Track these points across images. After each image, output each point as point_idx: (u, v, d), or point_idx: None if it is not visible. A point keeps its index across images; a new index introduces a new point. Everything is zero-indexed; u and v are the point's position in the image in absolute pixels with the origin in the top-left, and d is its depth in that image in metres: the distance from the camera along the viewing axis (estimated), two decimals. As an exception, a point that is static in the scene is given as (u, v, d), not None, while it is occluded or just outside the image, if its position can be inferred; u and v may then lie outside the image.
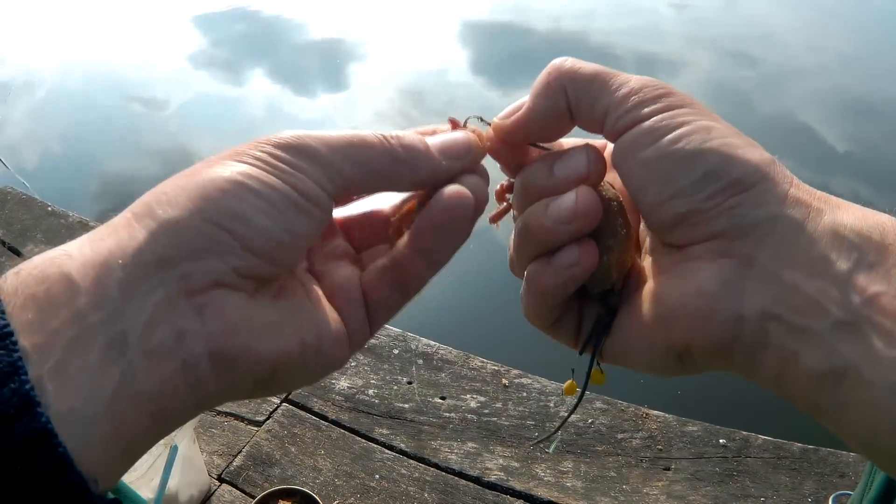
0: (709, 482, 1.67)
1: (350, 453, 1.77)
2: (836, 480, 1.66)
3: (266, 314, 0.36)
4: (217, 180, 0.34)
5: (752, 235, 0.35)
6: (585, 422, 1.83)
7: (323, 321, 0.39)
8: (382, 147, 0.38)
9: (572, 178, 0.39)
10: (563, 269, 0.39)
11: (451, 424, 1.83)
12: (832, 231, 0.34)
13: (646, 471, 1.71)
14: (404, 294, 0.42)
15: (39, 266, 0.31)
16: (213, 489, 1.68)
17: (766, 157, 0.37)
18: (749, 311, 0.35)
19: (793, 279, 0.34)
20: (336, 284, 0.41)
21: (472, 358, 2.01)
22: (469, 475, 1.71)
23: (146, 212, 0.33)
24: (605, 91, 0.38)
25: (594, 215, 0.39)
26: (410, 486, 1.69)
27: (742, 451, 1.74)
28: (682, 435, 1.78)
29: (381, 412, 1.87)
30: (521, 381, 1.94)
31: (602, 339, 0.42)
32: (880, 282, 0.32)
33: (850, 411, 0.33)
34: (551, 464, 1.73)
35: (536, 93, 0.40)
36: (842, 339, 0.32)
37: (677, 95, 0.38)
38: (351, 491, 1.68)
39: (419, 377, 1.96)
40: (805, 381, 0.34)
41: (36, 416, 0.28)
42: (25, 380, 0.28)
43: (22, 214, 2.65)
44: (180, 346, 0.32)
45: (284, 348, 0.36)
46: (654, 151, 0.37)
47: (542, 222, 0.39)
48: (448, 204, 0.39)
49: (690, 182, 0.36)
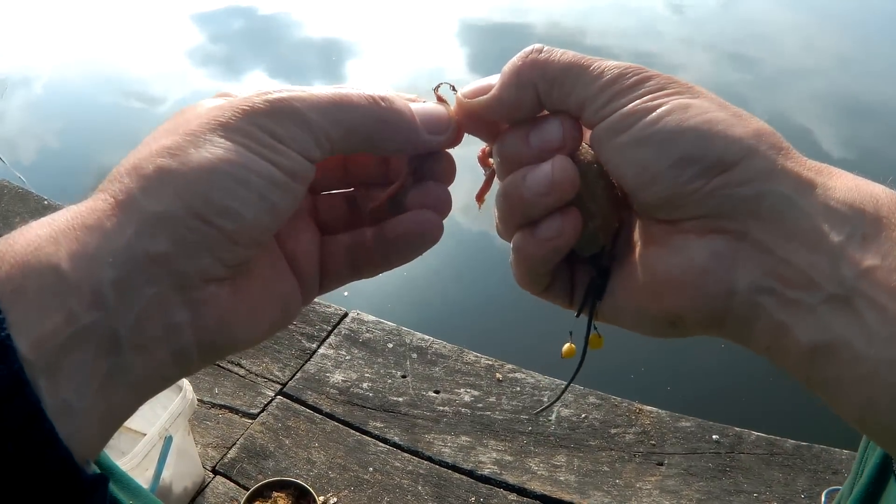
0: (702, 477, 1.67)
1: (344, 446, 1.77)
2: (830, 477, 1.66)
3: (247, 301, 0.36)
4: (203, 169, 0.33)
5: (741, 213, 0.35)
6: (579, 416, 1.83)
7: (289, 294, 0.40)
8: (370, 107, 0.37)
9: (547, 147, 0.38)
10: (547, 240, 0.39)
11: (444, 418, 1.84)
12: (823, 203, 0.34)
13: (639, 466, 1.71)
14: (357, 275, 0.43)
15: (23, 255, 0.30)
16: (207, 481, 1.68)
17: (750, 128, 0.35)
18: (740, 285, 0.35)
19: (784, 252, 0.34)
20: (300, 251, 0.41)
21: (467, 352, 2.01)
22: (462, 468, 1.72)
23: (130, 201, 0.32)
24: (581, 82, 0.37)
25: (571, 185, 0.38)
26: (404, 478, 1.69)
27: (735, 447, 1.74)
28: (675, 430, 1.79)
29: (376, 405, 1.87)
30: (515, 376, 1.94)
31: (596, 301, 0.41)
32: (874, 255, 0.32)
33: (844, 386, 0.32)
34: (544, 458, 1.73)
35: (505, 83, 0.39)
36: (834, 313, 0.32)
37: (655, 78, 0.37)
38: (345, 483, 1.68)
39: (413, 371, 1.96)
40: (797, 354, 0.34)
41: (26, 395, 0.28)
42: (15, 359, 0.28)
43: (18, 208, 2.65)
44: (171, 339, 0.33)
45: (260, 331, 0.38)
46: (630, 137, 0.36)
47: (520, 193, 0.38)
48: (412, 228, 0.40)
49: (668, 166, 0.35)
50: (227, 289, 0.35)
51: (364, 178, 0.44)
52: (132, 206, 0.32)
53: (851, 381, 0.32)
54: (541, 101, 0.38)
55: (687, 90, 0.37)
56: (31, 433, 0.28)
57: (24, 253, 0.30)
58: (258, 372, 1.96)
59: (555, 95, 0.38)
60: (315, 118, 0.35)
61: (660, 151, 0.35)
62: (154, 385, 0.34)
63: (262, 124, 0.34)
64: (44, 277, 0.30)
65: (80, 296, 0.30)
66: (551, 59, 0.38)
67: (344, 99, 0.36)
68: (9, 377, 0.28)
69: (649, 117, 0.35)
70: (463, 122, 0.41)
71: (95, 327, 0.30)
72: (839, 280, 0.32)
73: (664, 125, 0.35)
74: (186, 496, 1.62)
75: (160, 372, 0.34)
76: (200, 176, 0.33)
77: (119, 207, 0.32)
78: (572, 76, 0.37)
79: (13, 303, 0.29)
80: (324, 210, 0.44)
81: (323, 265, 0.42)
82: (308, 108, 0.35)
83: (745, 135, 0.35)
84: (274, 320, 0.39)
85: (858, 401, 0.32)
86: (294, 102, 0.35)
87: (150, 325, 0.32)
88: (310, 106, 0.35)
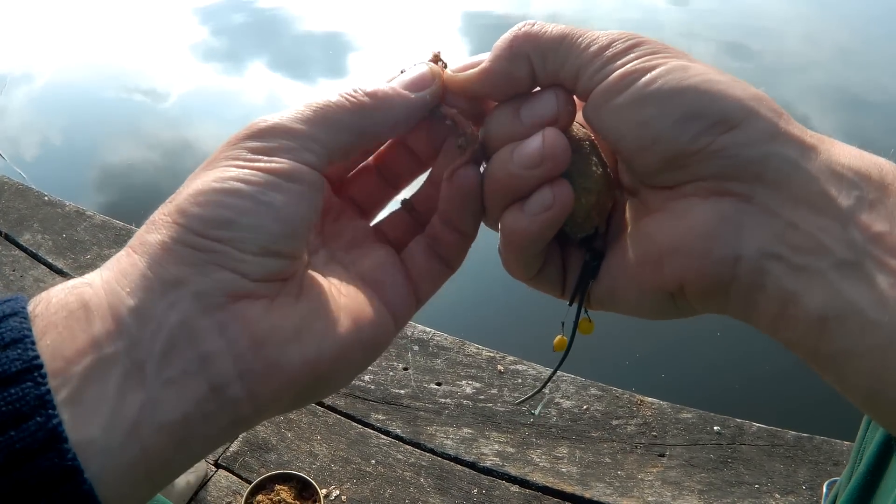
0: (703, 469, 1.68)
1: (346, 439, 1.77)
2: (831, 468, 1.66)
3: (292, 318, 0.34)
4: (193, 194, 0.33)
5: (746, 174, 0.34)
6: (580, 408, 1.83)
7: (357, 308, 0.37)
8: (350, 104, 0.37)
9: (540, 121, 0.37)
10: (539, 213, 0.37)
11: (446, 410, 1.84)
12: (829, 168, 0.33)
13: (640, 457, 1.72)
14: (447, 265, 0.42)
15: (61, 293, 0.31)
16: (209, 474, 1.69)
17: (750, 91, 0.34)
18: (747, 250, 0.33)
19: (791, 216, 0.32)
20: (371, 267, 0.40)
21: (468, 344, 2.01)
22: (465, 460, 1.72)
23: (139, 241, 0.33)
24: (575, 51, 0.36)
25: (563, 157, 0.37)
26: (406, 471, 1.70)
27: (736, 438, 1.74)
28: (676, 422, 1.79)
29: (377, 398, 1.88)
30: (517, 368, 1.94)
31: (589, 284, 0.40)
32: (883, 221, 0.31)
33: (853, 358, 0.31)
34: (546, 449, 1.74)
35: (497, 56, 0.38)
36: (845, 279, 0.31)
37: (650, 43, 0.36)
38: (347, 476, 1.68)
39: (415, 363, 1.97)
40: (805, 324, 0.32)
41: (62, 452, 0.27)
42: (53, 414, 0.28)
43: (18, 204, 2.65)
44: (205, 371, 0.31)
45: (319, 351, 0.34)
46: (629, 97, 0.35)
47: (508, 169, 0.37)
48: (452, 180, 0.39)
49: (671, 123, 0.34)
50: (258, 306, 0.33)
51: (402, 176, 0.44)
52: (141, 244, 0.33)
53: (862, 351, 0.30)
54: (534, 72, 0.38)
55: (683, 55, 0.36)
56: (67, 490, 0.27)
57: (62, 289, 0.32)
58: (260, 365, 1.96)
59: (549, 65, 0.37)
60: (300, 126, 0.35)
61: (662, 109, 0.34)
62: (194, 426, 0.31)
63: (247, 145, 0.35)
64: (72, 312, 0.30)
65: (103, 324, 0.30)
66: (544, 30, 0.37)
67: (324, 104, 0.36)
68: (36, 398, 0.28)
69: (648, 76, 0.35)
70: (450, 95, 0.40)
71: (120, 357, 0.30)
72: (849, 243, 0.31)
73: (665, 83, 0.34)
74: (189, 490, 1.62)
75: (200, 409, 0.31)
76: (191, 199, 0.33)
77: (132, 248, 0.33)
78: (566, 44, 0.37)
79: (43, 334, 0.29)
80: (388, 229, 0.44)
81: (409, 271, 0.42)
82: (291, 121, 0.35)
83: (745, 96, 0.34)
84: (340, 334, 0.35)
85: (869, 373, 0.31)
86: (277, 119, 0.35)
87: (179, 357, 0.30)
88: (293, 119, 0.36)
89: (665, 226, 0.36)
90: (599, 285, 0.40)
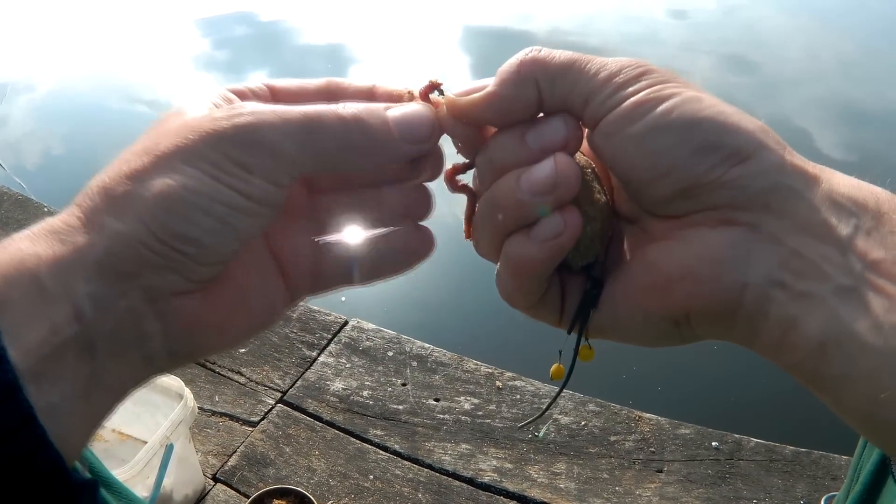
0: (701, 484, 1.68)
1: (344, 454, 1.78)
2: (829, 483, 1.66)
3: (220, 309, 0.38)
4: (164, 195, 0.33)
5: (755, 204, 0.34)
6: (578, 424, 1.83)
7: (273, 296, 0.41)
8: (341, 130, 0.36)
9: (549, 146, 0.37)
10: (548, 240, 0.37)
11: (444, 426, 1.84)
12: (830, 198, 0.34)
13: (638, 473, 1.72)
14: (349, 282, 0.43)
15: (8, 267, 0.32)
16: (207, 489, 1.69)
17: (757, 123, 0.35)
18: (754, 277, 0.34)
19: (795, 244, 0.33)
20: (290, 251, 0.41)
21: (466, 360, 2.02)
22: (463, 476, 1.72)
23: (99, 220, 0.34)
24: (584, 76, 0.36)
25: (575, 182, 0.36)
26: (404, 486, 1.70)
27: (734, 453, 1.74)
28: (674, 437, 1.79)
29: (376, 413, 1.88)
30: (515, 384, 1.94)
31: (590, 313, 0.40)
32: (879, 248, 0.32)
33: (850, 381, 0.32)
34: (544, 465, 1.74)
35: (504, 80, 0.37)
36: (843, 304, 0.32)
37: (659, 71, 0.36)
38: (345, 491, 1.68)
39: (413, 379, 1.97)
40: (805, 349, 0.33)
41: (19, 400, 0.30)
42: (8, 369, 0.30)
43: (18, 214, 2.66)
44: (142, 346, 0.35)
45: (236, 336, 0.40)
46: (645, 126, 0.35)
47: (515, 196, 0.37)
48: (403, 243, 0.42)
49: (688, 153, 0.34)
50: (197, 299, 0.37)
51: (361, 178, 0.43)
52: (100, 225, 0.34)
53: (858, 375, 0.31)
54: (541, 98, 0.37)
55: (692, 86, 0.37)
56: (23, 436, 0.30)
57: (9, 266, 0.32)
58: (258, 380, 1.97)
59: (557, 90, 0.37)
60: (284, 145, 0.35)
61: (680, 139, 0.34)
62: (127, 387, 0.36)
63: (227, 151, 0.34)
64: (28, 289, 0.32)
65: (61, 309, 0.32)
66: (552, 56, 0.37)
67: (314, 121, 0.36)
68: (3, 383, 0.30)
69: (665, 105, 0.35)
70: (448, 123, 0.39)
71: (76, 338, 0.33)
72: (848, 270, 0.32)
73: (682, 113, 0.35)
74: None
75: (132, 375, 0.36)
76: (161, 203, 0.33)
77: (89, 225, 0.34)
78: (575, 70, 0.36)
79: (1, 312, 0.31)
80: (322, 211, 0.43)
81: (315, 267, 0.42)
82: (276, 134, 0.35)
83: (754, 129, 0.35)
84: (253, 323, 0.40)
85: (865, 395, 0.31)
86: (262, 128, 0.35)
87: (124, 335, 0.34)
88: (278, 131, 0.35)
89: (673, 253, 0.36)
90: (600, 313, 0.40)
